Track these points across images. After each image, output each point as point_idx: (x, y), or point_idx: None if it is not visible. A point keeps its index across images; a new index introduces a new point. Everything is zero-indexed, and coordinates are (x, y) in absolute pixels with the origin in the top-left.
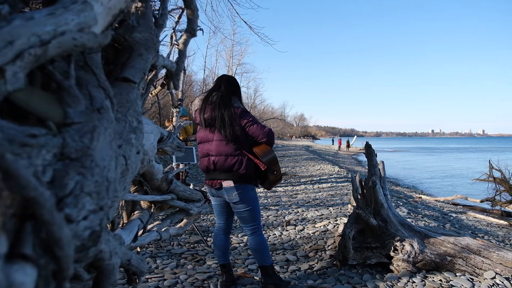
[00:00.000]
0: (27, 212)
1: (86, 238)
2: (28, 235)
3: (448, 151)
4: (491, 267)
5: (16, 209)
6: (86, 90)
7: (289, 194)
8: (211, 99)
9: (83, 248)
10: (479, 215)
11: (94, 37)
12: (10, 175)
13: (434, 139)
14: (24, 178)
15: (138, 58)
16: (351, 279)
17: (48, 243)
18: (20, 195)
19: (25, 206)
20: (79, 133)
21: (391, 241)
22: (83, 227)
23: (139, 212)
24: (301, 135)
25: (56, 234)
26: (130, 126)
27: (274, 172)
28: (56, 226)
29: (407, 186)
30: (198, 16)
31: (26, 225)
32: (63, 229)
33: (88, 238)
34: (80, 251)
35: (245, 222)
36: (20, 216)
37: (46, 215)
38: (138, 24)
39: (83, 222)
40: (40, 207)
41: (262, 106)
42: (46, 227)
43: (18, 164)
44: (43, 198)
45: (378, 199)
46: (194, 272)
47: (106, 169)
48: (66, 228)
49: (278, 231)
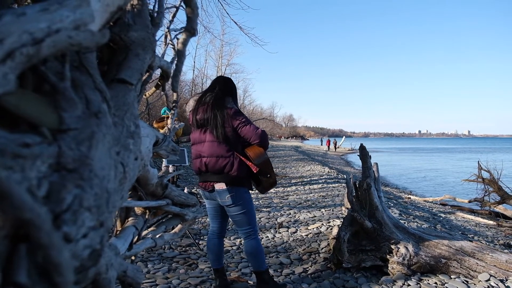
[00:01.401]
0: (19, 233)
1: (85, 258)
2: (22, 259)
3: (435, 152)
4: (486, 269)
5: (7, 230)
6: (82, 93)
7: (280, 195)
8: (204, 100)
9: (83, 269)
10: (467, 215)
11: (91, 35)
12: (2, 195)
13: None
14: (19, 198)
15: (134, 58)
16: (346, 283)
17: (44, 268)
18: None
19: (18, 226)
20: (76, 140)
21: (386, 243)
22: (82, 246)
23: (133, 219)
24: (290, 136)
25: (55, 259)
26: (127, 131)
27: (267, 175)
28: (55, 250)
29: (396, 186)
30: (198, 15)
31: (20, 247)
32: (63, 253)
33: (88, 257)
34: (79, 272)
35: (239, 226)
36: (12, 237)
37: (44, 238)
38: (134, 22)
39: (82, 241)
40: (37, 230)
41: (251, 107)
42: (44, 251)
43: (11, 182)
44: (41, 220)
45: (373, 201)
46: (186, 276)
47: (106, 179)
48: (66, 252)
49: (271, 233)
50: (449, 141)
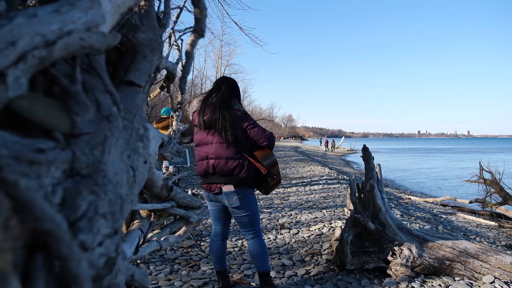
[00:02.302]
0: (36, 242)
1: (101, 267)
2: (40, 270)
3: (435, 152)
4: (490, 271)
5: (25, 239)
6: (93, 96)
7: (281, 196)
8: (211, 101)
9: (98, 277)
10: (468, 216)
11: (103, 37)
12: (22, 205)
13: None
14: (39, 208)
15: (142, 60)
16: (349, 284)
17: (61, 278)
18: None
19: (35, 235)
20: (89, 145)
21: (389, 245)
22: (98, 255)
23: (138, 222)
24: (290, 136)
25: (74, 270)
26: (137, 134)
27: (274, 176)
28: (75, 261)
29: (396, 187)
30: (206, 16)
31: (37, 257)
32: (82, 264)
33: (104, 266)
34: (94, 282)
35: (244, 227)
36: (28, 246)
37: (63, 250)
38: (142, 23)
39: (98, 249)
40: (56, 241)
41: (250, 107)
42: (63, 262)
43: (32, 191)
44: (61, 231)
45: (376, 202)
46: (189, 278)
47: (119, 185)
48: (84, 262)
49: (273, 234)
50: (449, 142)
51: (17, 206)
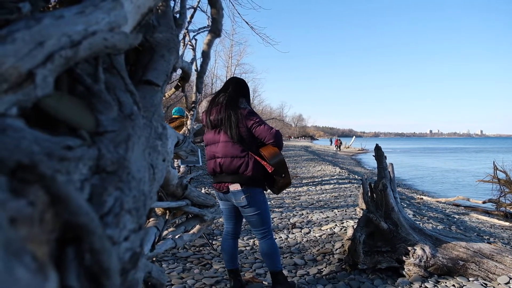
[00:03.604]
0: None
1: (127, 261)
2: (71, 263)
3: (447, 152)
4: (505, 272)
5: (57, 233)
6: (114, 95)
7: (292, 195)
8: (217, 100)
9: (123, 272)
10: (481, 216)
11: (126, 37)
12: (59, 199)
13: (433, 140)
14: (75, 203)
15: (160, 60)
16: (362, 284)
17: (92, 271)
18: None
19: (66, 228)
20: (114, 142)
21: (402, 245)
22: (124, 249)
23: (154, 220)
24: (300, 136)
25: (106, 264)
26: (155, 132)
27: (283, 175)
28: (106, 254)
29: (408, 187)
30: (223, 16)
31: (68, 250)
32: (113, 257)
33: (129, 260)
34: (120, 275)
35: (254, 226)
36: (60, 240)
37: (96, 243)
38: (159, 23)
39: (124, 244)
40: (90, 234)
41: (260, 107)
42: (95, 255)
43: (69, 186)
44: (94, 225)
45: (389, 202)
46: (201, 276)
47: (142, 182)
48: (115, 256)
49: (284, 234)
50: (461, 141)
51: (53, 200)
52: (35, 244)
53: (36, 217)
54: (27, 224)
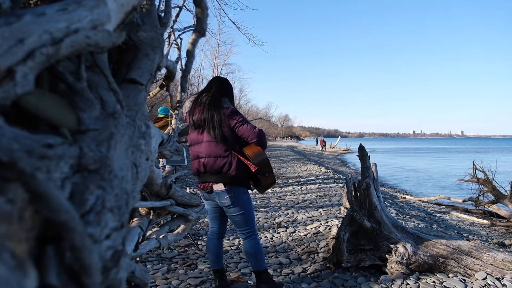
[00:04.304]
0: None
1: (108, 260)
2: (51, 260)
3: (430, 152)
4: (482, 268)
5: (37, 231)
6: (97, 93)
7: (277, 195)
8: (200, 100)
9: (105, 270)
10: (462, 214)
11: (109, 35)
12: (39, 196)
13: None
14: (56, 201)
15: (144, 59)
16: (346, 282)
17: (73, 269)
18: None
19: (46, 226)
20: (96, 141)
21: (385, 243)
22: (105, 247)
23: (138, 219)
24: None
25: (87, 261)
26: (139, 131)
27: (266, 174)
28: (87, 251)
29: (391, 186)
30: (208, 15)
31: (48, 249)
32: (94, 255)
33: (111, 259)
34: (101, 274)
35: (238, 226)
36: (40, 238)
37: (77, 240)
38: (143, 22)
39: (106, 242)
40: (71, 232)
41: (247, 107)
42: (75, 253)
43: (49, 184)
44: (75, 222)
45: (372, 201)
46: (186, 277)
47: (125, 180)
48: (96, 254)
49: (270, 233)
50: (443, 141)
51: (32, 198)
52: (14, 241)
53: (15, 214)
54: (6, 222)
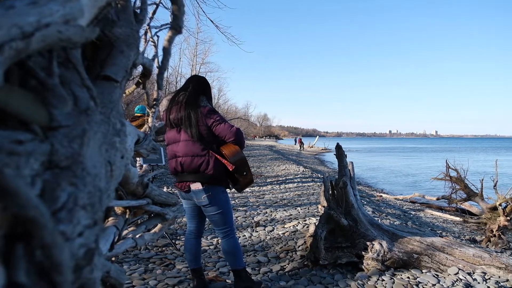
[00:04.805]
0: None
1: (81, 257)
2: (20, 259)
3: (405, 151)
4: (454, 263)
5: (6, 228)
6: (69, 89)
7: (256, 194)
8: (177, 99)
9: (77, 268)
10: (435, 212)
11: (81, 31)
12: (7, 192)
13: (392, 139)
14: (24, 196)
15: (119, 55)
16: (323, 279)
17: (43, 267)
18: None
19: (15, 224)
20: (68, 137)
21: (361, 240)
22: (78, 245)
23: (113, 219)
24: (265, 135)
25: (57, 258)
26: (113, 129)
27: (244, 173)
28: (58, 249)
29: (368, 185)
30: (184, 12)
31: (17, 247)
32: (65, 252)
33: (83, 257)
34: (73, 272)
35: (216, 225)
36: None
37: (47, 237)
38: (118, 18)
39: (78, 240)
40: (40, 228)
41: (226, 106)
42: (45, 250)
43: (17, 179)
44: (44, 218)
45: (348, 199)
46: (163, 277)
47: (98, 177)
48: (67, 251)
49: (248, 232)
50: (418, 141)
51: (1, 194)
52: None
53: None
54: None
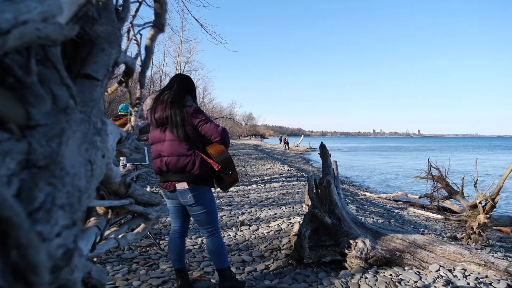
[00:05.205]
0: None
1: (59, 258)
2: None
3: (389, 150)
4: (436, 260)
5: None
6: (48, 88)
7: (241, 193)
8: (162, 98)
9: (55, 269)
10: (418, 210)
11: (60, 28)
12: None
13: (376, 139)
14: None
15: (100, 53)
16: (307, 278)
17: (19, 267)
18: None
19: None
20: (46, 136)
21: (345, 238)
22: (56, 246)
23: (95, 219)
24: (250, 134)
25: (33, 258)
26: (94, 128)
27: (229, 172)
28: (34, 249)
29: (353, 184)
30: (166, 11)
31: None
32: (41, 252)
33: (62, 257)
34: (51, 273)
35: (201, 225)
36: None
37: (23, 237)
38: (100, 16)
39: (56, 240)
40: (15, 228)
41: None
42: (21, 251)
43: None
44: (20, 218)
45: (332, 198)
46: (147, 277)
47: (77, 177)
48: (43, 251)
49: (233, 231)
50: (402, 140)
51: None
52: None
53: None
54: None
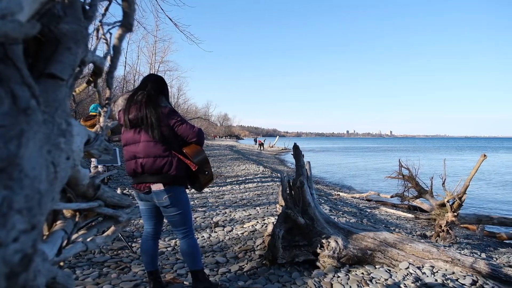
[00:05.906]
0: None
1: (16, 264)
2: None
3: (362, 151)
4: (405, 258)
5: None
6: (8, 87)
7: (215, 195)
8: (136, 98)
9: (12, 275)
10: (389, 209)
11: (20, 26)
12: None
13: (349, 139)
14: None
15: (66, 52)
16: (281, 278)
17: None
18: None
19: None
20: (4, 138)
21: (318, 238)
22: (12, 251)
23: (62, 222)
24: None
25: None
26: (58, 129)
27: (206, 172)
28: None
29: (326, 184)
30: (135, 10)
31: None
32: None
33: (19, 263)
34: (8, 279)
35: (176, 226)
36: None
37: None
38: (65, 14)
39: (13, 245)
40: None
41: (185, 106)
42: None
43: None
44: None
45: (305, 198)
46: (119, 281)
47: (37, 180)
48: None
49: (207, 233)
50: (374, 141)
51: None
52: None
53: None
54: None
